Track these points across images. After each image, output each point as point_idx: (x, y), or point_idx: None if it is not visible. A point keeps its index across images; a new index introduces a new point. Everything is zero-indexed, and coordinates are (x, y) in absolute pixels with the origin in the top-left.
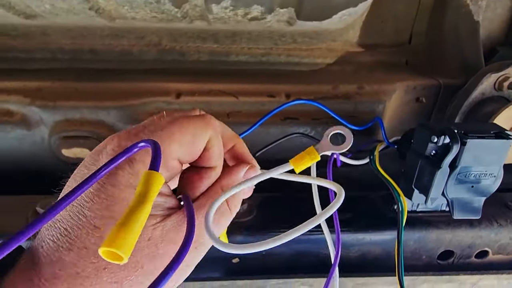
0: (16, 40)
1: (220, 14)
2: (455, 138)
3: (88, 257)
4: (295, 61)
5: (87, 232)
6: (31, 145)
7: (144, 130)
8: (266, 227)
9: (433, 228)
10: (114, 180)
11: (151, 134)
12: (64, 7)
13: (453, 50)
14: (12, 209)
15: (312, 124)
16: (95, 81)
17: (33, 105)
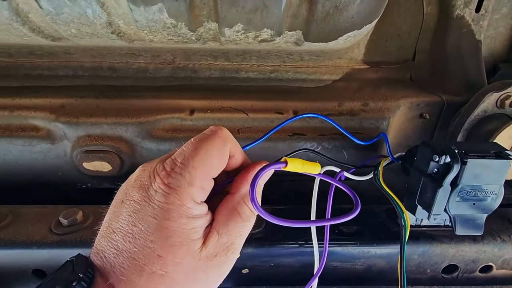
0: (41, 59)
1: (232, 37)
2: (456, 158)
3: (156, 280)
4: (302, 78)
5: (153, 260)
6: (55, 158)
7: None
8: (275, 238)
9: (437, 243)
10: (168, 215)
11: (184, 166)
12: (89, 31)
13: (455, 67)
14: (37, 219)
15: (318, 139)
16: (114, 98)
17: (57, 121)
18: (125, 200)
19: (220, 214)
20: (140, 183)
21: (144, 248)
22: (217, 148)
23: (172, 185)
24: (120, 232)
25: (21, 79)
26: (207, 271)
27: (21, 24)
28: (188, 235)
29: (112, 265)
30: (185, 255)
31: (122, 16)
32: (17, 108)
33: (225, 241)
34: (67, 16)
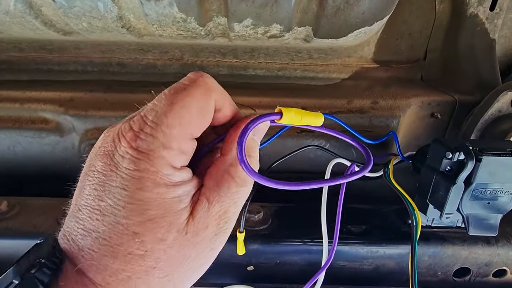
0: (51, 54)
1: (241, 32)
2: (470, 154)
3: (135, 261)
4: (311, 76)
5: (127, 239)
6: (63, 150)
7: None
8: (281, 236)
9: (449, 244)
10: (140, 184)
11: (157, 125)
12: (100, 25)
13: (468, 67)
14: (43, 211)
15: (326, 137)
16: (122, 93)
17: (66, 114)
18: (88, 172)
19: (210, 178)
20: (104, 149)
21: (114, 225)
22: (197, 100)
23: (141, 149)
24: (85, 209)
25: (32, 73)
26: (198, 246)
27: (34, 17)
28: (170, 206)
29: (80, 248)
30: (169, 230)
31: (133, 10)
32: (28, 100)
33: (217, 210)
34: (79, 9)
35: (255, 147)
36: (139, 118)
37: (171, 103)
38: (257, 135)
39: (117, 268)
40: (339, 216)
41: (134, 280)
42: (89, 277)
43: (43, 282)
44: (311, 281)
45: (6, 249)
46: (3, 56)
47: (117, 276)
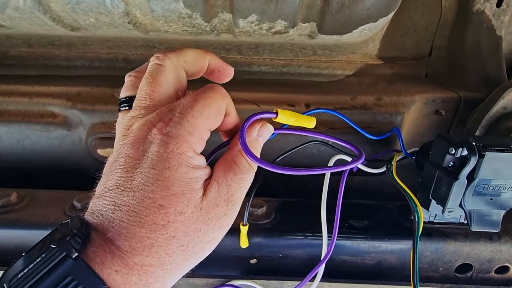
0: (59, 49)
1: (246, 28)
2: (473, 150)
3: (158, 231)
4: (315, 72)
5: (154, 211)
6: (70, 144)
7: (174, 113)
8: (284, 230)
9: (451, 240)
10: (168, 164)
11: (184, 116)
12: (107, 21)
13: (474, 64)
14: (51, 203)
15: (329, 132)
16: None
17: (74, 108)
18: (118, 158)
19: (219, 166)
20: (133, 139)
21: (144, 199)
22: (215, 100)
23: (170, 134)
24: (116, 189)
25: (40, 69)
26: (208, 222)
27: (42, 13)
28: (189, 184)
29: (110, 221)
30: (187, 205)
31: (139, 5)
32: (36, 95)
33: (225, 192)
34: (87, 5)
35: (257, 146)
36: (167, 111)
37: (195, 100)
38: (261, 137)
39: (142, 236)
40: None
41: (156, 247)
42: (117, 244)
43: (76, 248)
44: (311, 274)
45: (17, 239)
46: (13, 52)
47: (142, 243)
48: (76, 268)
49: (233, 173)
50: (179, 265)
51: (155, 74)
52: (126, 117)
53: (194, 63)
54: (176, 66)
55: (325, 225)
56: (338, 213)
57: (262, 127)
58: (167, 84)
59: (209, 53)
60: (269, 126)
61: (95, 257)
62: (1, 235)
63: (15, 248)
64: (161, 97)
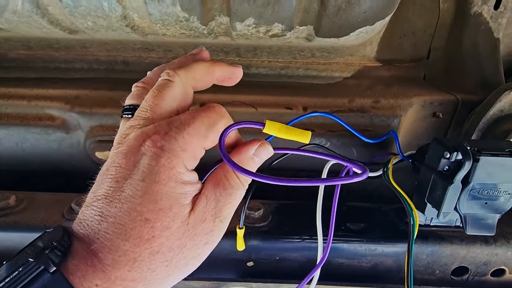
0: (58, 52)
1: (243, 31)
2: (468, 154)
3: (143, 245)
4: (313, 75)
5: (140, 224)
6: (69, 147)
7: (171, 127)
8: (281, 232)
9: (447, 243)
10: (158, 177)
11: (180, 131)
12: (104, 24)
13: (472, 66)
14: (49, 205)
15: (327, 136)
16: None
17: (72, 111)
18: (110, 167)
19: (210, 181)
20: (127, 149)
21: (130, 212)
22: (213, 120)
23: (164, 148)
24: (105, 199)
25: (39, 71)
26: (194, 238)
27: (40, 16)
28: (177, 199)
29: (96, 232)
30: (173, 219)
31: (137, 9)
32: (35, 98)
33: (212, 207)
34: (84, 9)
35: (252, 165)
36: (165, 124)
37: (193, 117)
38: (258, 157)
39: (126, 250)
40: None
41: (139, 262)
42: (99, 257)
43: (54, 262)
44: (307, 278)
45: (15, 241)
46: (12, 54)
47: (126, 256)
48: (54, 282)
49: (222, 187)
50: (161, 280)
51: (161, 88)
52: (125, 125)
53: (202, 80)
54: (185, 83)
55: (320, 228)
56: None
57: (260, 147)
58: (171, 100)
59: (217, 65)
60: (268, 148)
61: (75, 270)
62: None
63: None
64: (162, 111)
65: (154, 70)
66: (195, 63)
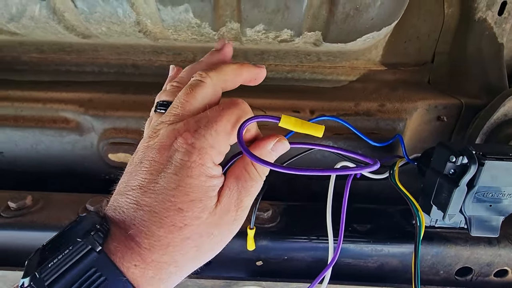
0: (70, 55)
1: (253, 37)
2: (473, 158)
3: (176, 232)
4: (319, 78)
5: (173, 213)
6: (82, 149)
7: (200, 125)
8: (289, 233)
9: (451, 244)
10: (189, 172)
11: (208, 129)
12: (118, 30)
13: (476, 70)
14: (65, 205)
15: (334, 138)
16: (138, 94)
17: (86, 114)
18: (143, 160)
19: (231, 174)
20: (160, 144)
21: (165, 202)
22: (238, 118)
23: (195, 145)
24: (139, 189)
25: (51, 74)
26: (220, 227)
27: (57, 22)
28: (206, 192)
29: (132, 218)
30: (203, 210)
31: (150, 15)
32: (49, 101)
33: (235, 198)
34: (99, 15)
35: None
36: (194, 122)
37: (220, 115)
38: (275, 152)
39: (161, 235)
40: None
41: (172, 247)
42: (137, 241)
43: (99, 242)
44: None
45: (32, 240)
46: (25, 57)
47: (160, 241)
48: (100, 261)
49: (243, 180)
50: (190, 263)
51: (193, 87)
52: (157, 120)
53: (232, 81)
54: (215, 85)
55: (330, 228)
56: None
57: (278, 142)
58: (202, 99)
59: (244, 67)
60: (285, 143)
61: (116, 251)
62: (17, 237)
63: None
64: (192, 108)
65: (186, 70)
66: (225, 66)
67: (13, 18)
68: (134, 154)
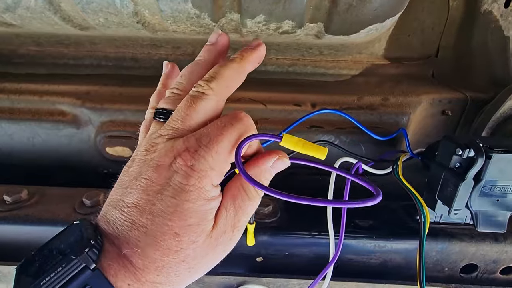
0: (68, 48)
1: (253, 28)
2: (480, 151)
3: (171, 255)
4: (321, 72)
5: (169, 237)
6: (79, 142)
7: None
8: (289, 228)
9: (456, 240)
10: (188, 196)
11: (209, 150)
12: (116, 21)
13: (481, 64)
14: (61, 200)
15: (336, 132)
16: (136, 87)
17: (83, 107)
18: (139, 178)
19: (228, 192)
20: (158, 162)
21: (162, 226)
22: (240, 136)
23: (194, 168)
24: (135, 208)
25: (49, 67)
26: (216, 248)
27: (53, 13)
28: (204, 216)
29: (127, 237)
30: (200, 234)
31: (148, 5)
32: (46, 93)
33: (231, 218)
34: (96, 5)
35: (268, 176)
36: (194, 140)
37: (222, 133)
38: (275, 169)
39: (156, 258)
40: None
41: (166, 268)
42: (131, 261)
43: (93, 259)
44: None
45: (27, 234)
46: (22, 50)
47: (155, 263)
48: (94, 278)
49: (240, 199)
50: (184, 282)
51: (195, 99)
52: (156, 132)
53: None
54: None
55: (331, 225)
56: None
57: (278, 159)
58: (203, 112)
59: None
60: (285, 161)
61: (109, 269)
62: (12, 231)
63: (26, 243)
64: (192, 122)
65: (184, 74)
66: (226, 69)
67: (8, 8)
68: (129, 163)
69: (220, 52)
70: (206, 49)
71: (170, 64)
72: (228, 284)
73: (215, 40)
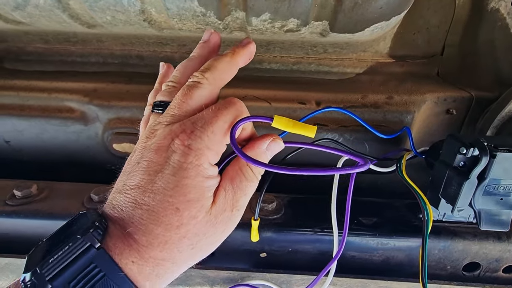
0: (75, 46)
1: (259, 26)
2: (485, 150)
3: (173, 230)
4: (325, 70)
5: (171, 213)
6: (87, 139)
7: (196, 126)
8: (293, 225)
9: (459, 239)
10: (186, 173)
11: (204, 130)
12: (123, 19)
13: (487, 63)
14: (70, 195)
15: (340, 131)
16: (143, 84)
17: (91, 104)
18: (141, 161)
19: (227, 175)
20: (157, 145)
21: (163, 202)
22: (234, 118)
23: (191, 146)
24: (138, 189)
25: (57, 64)
26: (216, 226)
27: (61, 10)
28: (203, 192)
29: (131, 217)
30: (200, 210)
31: (155, 4)
32: (54, 90)
33: (230, 198)
34: (104, 3)
35: (264, 158)
36: (190, 123)
37: (216, 116)
38: (270, 151)
39: (158, 233)
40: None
41: (169, 244)
42: (135, 238)
43: (98, 239)
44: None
45: (37, 228)
46: (30, 48)
47: (158, 239)
48: (98, 257)
49: (238, 180)
50: (186, 260)
51: (191, 87)
52: (154, 121)
53: (228, 76)
54: (212, 84)
55: (335, 221)
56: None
57: (272, 142)
58: (199, 99)
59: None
60: (279, 142)
61: (114, 248)
62: (22, 225)
63: (35, 237)
64: (188, 108)
65: (179, 68)
66: (219, 62)
67: (18, 6)
68: (131, 154)
69: (212, 49)
70: (199, 46)
71: (165, 64)
72: (232, 278)
73: (208, 38)
